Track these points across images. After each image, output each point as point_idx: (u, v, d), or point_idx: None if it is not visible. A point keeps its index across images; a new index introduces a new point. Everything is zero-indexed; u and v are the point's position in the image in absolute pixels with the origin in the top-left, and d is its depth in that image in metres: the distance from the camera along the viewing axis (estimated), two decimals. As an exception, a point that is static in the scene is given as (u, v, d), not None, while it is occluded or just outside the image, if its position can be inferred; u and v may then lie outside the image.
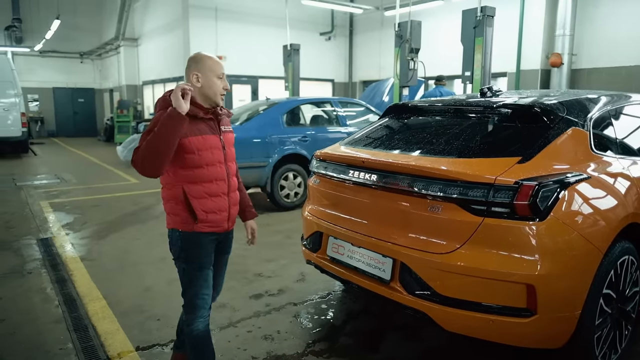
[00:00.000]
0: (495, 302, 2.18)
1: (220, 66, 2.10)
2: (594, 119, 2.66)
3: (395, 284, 2.44)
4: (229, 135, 2.21)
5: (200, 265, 2.11)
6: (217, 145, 2.11)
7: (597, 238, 2.25)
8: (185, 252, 2.09)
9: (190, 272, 2.10)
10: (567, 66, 8.88)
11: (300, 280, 3.73)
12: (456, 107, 2.94)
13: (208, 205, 2.08)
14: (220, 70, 2.08)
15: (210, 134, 2.09)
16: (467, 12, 6.48)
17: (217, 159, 2.10)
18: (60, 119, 18.63)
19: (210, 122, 2.11)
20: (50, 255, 4.30)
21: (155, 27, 14.02)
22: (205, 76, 2.06)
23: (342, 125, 6.58)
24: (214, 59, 2.10)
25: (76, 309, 3.18)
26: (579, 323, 2.21)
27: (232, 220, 2.22)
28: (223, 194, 2.13)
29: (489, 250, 2.19)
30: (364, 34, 13.93)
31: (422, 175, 2.35)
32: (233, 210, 2.21)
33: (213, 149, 2.08)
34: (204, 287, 2.13)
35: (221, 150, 2.13)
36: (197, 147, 2.03)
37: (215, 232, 2.13)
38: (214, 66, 2.07)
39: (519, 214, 2.14)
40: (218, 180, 2.10)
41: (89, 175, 9.06)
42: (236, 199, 2.24)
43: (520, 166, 2.25)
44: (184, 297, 2.14)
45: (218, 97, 2.10)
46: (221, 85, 2.09)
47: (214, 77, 2.07)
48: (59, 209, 6.19)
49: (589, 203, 2.29)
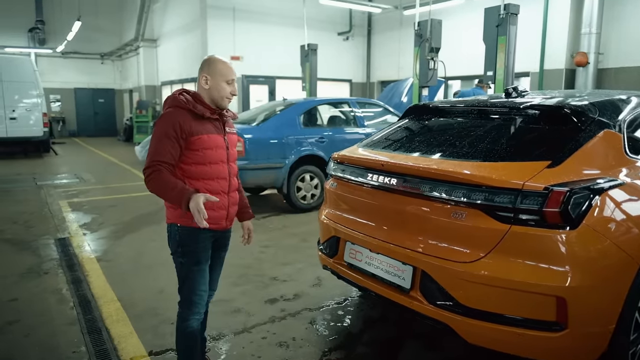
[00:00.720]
0: (523, 315, 2.06)
1: (231, 72, 2.15)
2: (627, 120, 2.51)
3: (415, 293, 2.34)
4: (232, 136, 2.28)
5: (197, 260, 2.15)
6: (222, 145, 2.17)
7: (632, 247, 2.10)
8: (183, 247, 2.14)
9: (187, 266, 2.15)
10: (593, 65, 8.59)
11: (316, 285, 3.65)
12: (480, 108, 2.82)
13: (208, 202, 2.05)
14: (230, 76, 2.13)
15: (216, 133, 2.15)
16: (489, 10, 6.29)
17: (220, 158, 2.16)
18: (81, 119, 18.97)
19: (216, 123, 2.18)
20: (67, 256, 4.31)
21: (174, 28, 14.13)
22: (214, 79, 2.12)
23: (359, 126, 6.48)
24: (226, 64, 2.15)
25: (90, 310, 3.17)
26: (613, 338, 2.07)
27: (231, 219, 2.27)
28: (223, 192, 2.17)
29: (516, 259, 2.07)
30: (382, 34, 13.77)
31: (445, 179, 2.24)
32: (232, 209, 2.26)
33: (217, 148, 2.14)
34: (200, 282, 2.17)
35: (225, 150, 2.19)
36: (202, 146, 2.09)
37: (213, 230, 2.14)
38: (224, 71, 2.12)
39: (549, 221, 2.01)
40: (219, 178, 2.16)
41: (108, 175, 9.17)
42: (236, 198, 2.29)
43: (549, 171, 2.12)
44: (181, 293, 2.19)
45: (224, 100, 2.15)
46: (229, 90, 2.14)
47: (223, 82, 2.13)
48: (77, 208, 6.25)
49: (623, 210, 2.15)
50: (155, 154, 2.01)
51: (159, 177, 1.98)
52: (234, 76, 2.16)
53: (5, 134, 11.35)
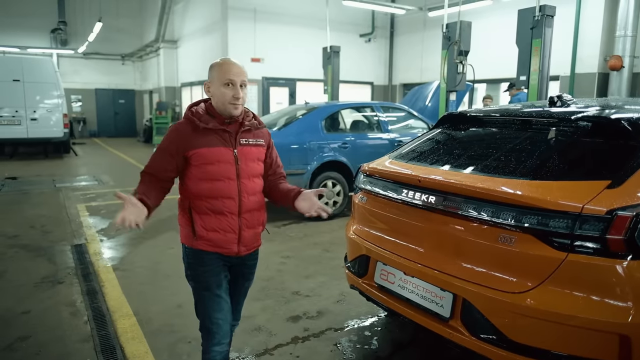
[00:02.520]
0: (579, 354, 1.85)
1: (229, 71, 1.88)
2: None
3: (455, 323, 2.13)
4: (248, 149, 1.99)
5: (206, 285, 1.98)
6: (228, 160, 1.92)
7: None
8: (191, 269, 2.01)
9: (197, 290, 2.01)
10: (628, 69, 8.21)
11: (340, 301, 3.46)
12: (523, 119, 2.59)
13: (210, 223, 1.93)
14: (227, 77, 1.87)
15: (221, 146, 1.91)
16: (523, 12, 6.01)
17: (225, 174, 1.91)
18: (101, 119, 19.16)
19: (224, 134, 1.93)
20: (83, 264, 4.20)
21: (195, 30, 14.13)
22: (214, 85, 1.92)
23: (383, 132, 6.27)
24: (225, 64, 1.91)
25: (105, 326, 3.03)
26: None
27: (246, 244, 2.01)
28: (230, 213, 1.94)
29: (573, 291, 1.86)
30: (405, 36, 13.52)
31: (492, 199, 2.03)
32: (247, 233, 2.00)
33: (221, 163, 1.91)
34: (215, 310, 1.98)
35: (233, 164, 1.93)
36: (201, 161, 1.89)
37: (221, 254, 1.97)
38: (221, 73, 1.89)
39: (612, 250, 1.79)
40: (224, 197, 1.92)
41: (126, 177, 9.11)
42: (253, 221, 2.02)
43: (610, 192, 1.89)
44: (198, 318, 2.05)
45: (228, 107, 1.90)
46: (230, 93, 1.88)
47: (221, 86, 1.89)
48: (94, 213, 6.18)
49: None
50: (146, 165, 1.98)
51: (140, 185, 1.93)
52: (234, 76, 1.87)
53: (26, 135, 11.44)
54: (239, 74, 1.89)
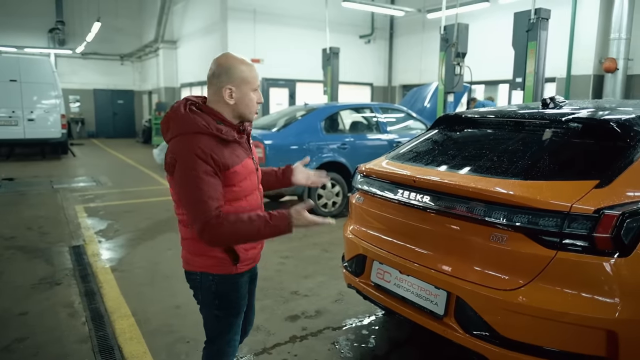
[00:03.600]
0: (568, 349, 1.89)
1: (257, 77, 1.73)
2: (678, 135, 2.30)
3: (449, 320, 2.17)
4: (254, 152, 1.89)
5: (238, 311, 1.86)
6: (253, 170, 1.79)
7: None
8: (221, 300, 1.78)
9: (225, 319, 1.83)
10: (622, 72, 8.27)
11: (338, 301, 3.49)
12: (517, 120, 2.63)
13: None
14: (257, 83, 1.73)
15: (246, 157, 1.75)
16: (519, 15, 6.07)
17: (254, 185, 1.80)
18: (100, 120, 19.14)
19: (244, 143, 1.77)
20: (81, 265, 4.22)
21: (194, 30, 14.16)
22: (241, 90, 1.68)
23: (382, 133, 6.32)
24: (250, 65, 1.72)
25: (103, 327, 3.05)
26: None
27: (262, 248, 1.96)
28: None
29: (562, 288, 1.90)
30: (404, 37, 13.58)
31: (484, 199, 2.07)
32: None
33: (251, 175, 1.77)
34: (237, 332, 1.90)
35: (255, 173, 1.82)
36: (239, 179, 1.69)
37: (252, 268, 1.91)
38: (251, 77, 1.69)
39: (599, 248, 1.84)
40: (257, 209, 1.79)
41: (125, 178, 9.14)
42: None
43: (598, 191, 1.93)
44: (212, 345, 1.87)
45: (252, 113, 1.75)
46: (256, 98, 1.73)
47: (250, 91, 1.70)
48: (93, 214, 6.19)
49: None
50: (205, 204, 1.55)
51: (228, 228, 1.56)
52: (258, 81, 1.75)
53: (23, 135, 11.39)
54: (258, 78, 1.77)
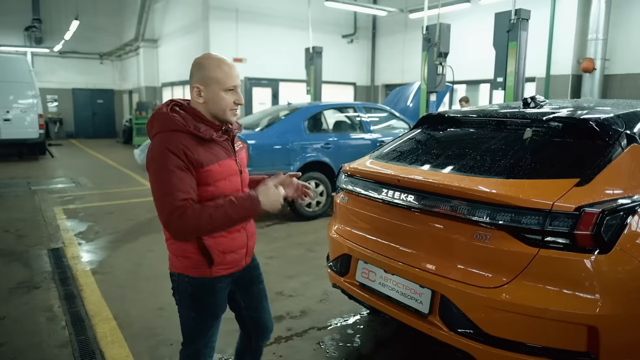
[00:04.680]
0: (551, 345, 1.92)
1: (231, 77, 1.65)
2: (655, 134, 2.36)
3: (434, 318, 2.18)
4: (242, 154, 1.84)
5: (215, 314, 1.82)
6: (234, 171, 1.75)
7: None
8: (196, 301, 1.76)
9: (201, 321, 1.80)
10: (600, 72, 8.48)
11: (323, 301, 3.49)
12: (499, 120, 2.66)
13: (225, 244, 1.74)
14: (231, 83, 1.65)
15: (227, 157, 1.71)
16: (500, 15, 6.16)
17: (235, 187, 1.74)
18: (79, 120, 18.75)
19: (225, 143, 1.73)
20: (61, 268, 4.12)
21: (176, 29, 13.98)
22: (209, 90, 1.64)
23: (366, 132, 6.34)
24: (223, 67, 1.65)
25: (84, 330, 2.99)
26: (646, 371, 1.93)
27: (250, 253, 1.90)
28: (242, 228, 1.80)
29: (545, 285, 1.93)
30: (387, 37, 13.65)
31: (468, 198, 2.09)
32: (251, 242, 1.88)
33: (231, 177, 1.72)
34: (214, 334, 1.86)
35: (238, 175, 1.76)
36: (215, 178, 1.65)
37: (232, 273, 1.82)
38: (222, 77, 1.64)
39: (580, 245, 1.87)
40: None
41: (105, 179, 8.98)
42: (253, 229, 1.90)
43: (579, 189, 1.97)
44: (188, 347, 1.84)
45: (227, 113, 1.68)
46: (231, 99, 1.67)
47: (221, 91, 1.65)
48: (72, 215, 6.06)
49: (658, 232, 2.00)
50: (171, 195, 1.52)
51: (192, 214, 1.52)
52: (237, 81, 1.67)
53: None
54: (237, 77, 1.68)
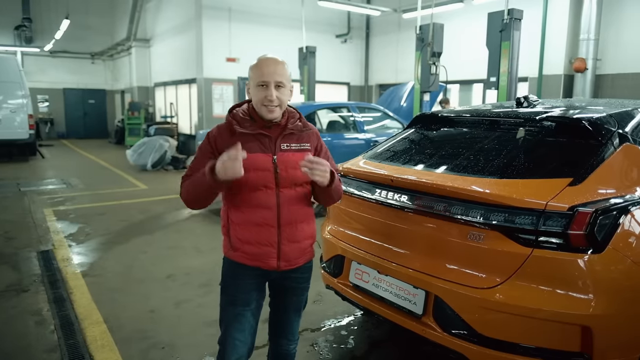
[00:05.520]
0: (545, 345, 1.91)
1: (261, 72, 1.76)
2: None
3: (428, 320, 2.17)
4: (290, 155, 1.82)
5: (232, 300, 1.88)
6: (266, 167, 1.78)
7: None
8: (223, 281, 1.93)
9: (222, 304, 1.92)
10: (592, 71, 8.53)
11: (317, 302, 3.46)
12: (492, 119, 2.66)
13: (245, 235, 1.82)
14: (260, 78, 1.75)
15: (259, 152, 1.78)
16: (493, 15, 6.16)
17: (263, 182, 1.77)
18: (70, 120, 18.56)
19: (264, 139, 1.80)
20: (50, 271, 4.06)
21: (168, 28, 13.89)
22: (251, 86, 1.81)
23: (359, 132, 6.33)
24: (259, 63, 1.80)
25: (73, 334, 2.94)
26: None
27: (288, 259, 1.86)
28: (269, 225, 1.80)
29: (538, 286, 1.92)
30: (380, 37, 13.65)
31: (462, 198, 2.08)
32: (287, 247, 1.84)
33: (259, 171, 1.76)
34: (236, 329, 1.86)
35: (272, 172, 1.78)
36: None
37: (259, 268, 1.84)
38: (255, 73, 1.79)
39: (573, 245, 1.86)
40: (262, 207, 1.79)
41: (97, 180, 8.87)
42: (297, 234, 1.86)
43: (572, 189, 1.96)
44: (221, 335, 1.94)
45: (262, 109, 1.78)
46: (262, 95, 1.75)
47: (255, 86, 1.78)
48: (62, 217, 5.98)
49: (650, 231, 2.00)
50: (188, 169, 1.87)
51: (185, 183, 1.82)
52: (267, 76, 1.74)
53: (-12, 136, 10.96)
54: (272, 74, 1.75)
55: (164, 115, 14.70)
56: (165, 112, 14.60)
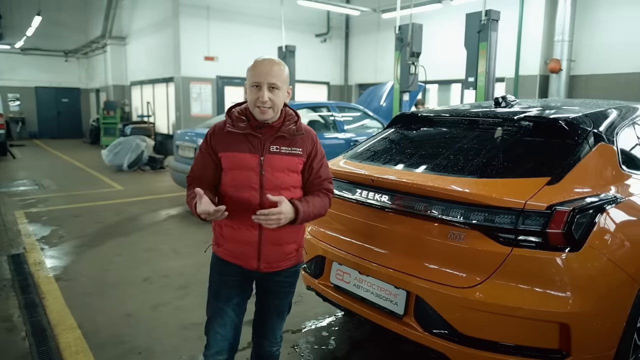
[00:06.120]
0: (524, 343, 1.94)
1: (256, 73, 1.76)
2: (619, 133, 2.42)
3: (409, 319, 2.17)
4: (278, 158, 1.80)
5: (215, 293, 1.94)
6: (251, 166, 1.78)
7: (631, 267, 2.00)
8: (210, 274, 2.00)
9: (208, 296, 1.98)
10: (566, 72, 8.73)
11: (297, 303, 3.42)
12: (471, 119, 2.68)
13: (228, 232, 1.87)
14: (254, 79, 1.76)
15: (247, 152, 1.80)
16: (471, 16, 6.24)
17: (247, 183, 1.78)
18: (43, 119, 18.04)
19: (254, 139, 1.81)
20: (21, 275, 3.92)
21: (145, 26, 13.62)
22: (247, 86, 1.82)
23: (339, 131, 6.32)
24: (254, 64, 1.80)
25: (46, 341, 2.83)
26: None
27: (269, 260, 1.86)
28: (249, 226, 1.80)
29: (518, 284, 1.94)
30: (360, 36, 13.69)
31: (442, 197, 2.08)
32: (268, 249, 1.84)
33: (244, 170, 1.79)
34: (218, 323, 1.91)
35: (257, 174, 1.78)
36: (228, 165, 1.83)
37: (241, 266, 1.88)
38: (250, 73, 1.80)
39: (552, 243, 1.89)
40: (245, 208, 1.78)
41: (71, 181, 8.63)
42: (279, 237, 1.84)
43: (550, 188, 1.99)
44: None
45: (254, 110, 1.78)
46: (255, 95, 1.75)
47: (249, 86, 1.79)
48: (35, 219, 5.79)
49: (623, 229, 2.05)
50: (190, 171, 1.96)
51: (189, 191, 1.87)
52: (260, 77, 1.74)
53: (-44, 137, 10.59)
54: (265, 75, 1.74)
55: (140, 114, 14.44)
56: (142, 112, 14.33)
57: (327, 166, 1.99)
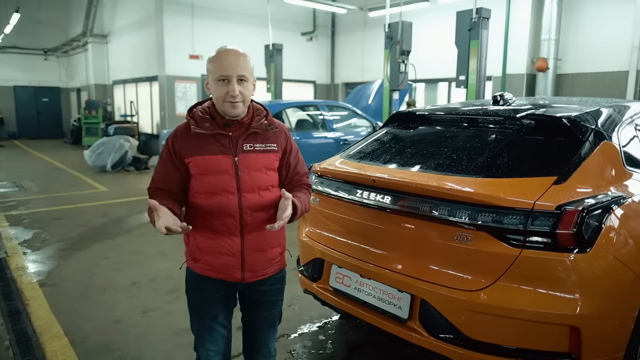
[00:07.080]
0: (533, 347, 1.89)
1: (222, 66, 1.61)
2: (620, 131, 2.39)
3: (414, 324, 2.10)
4: (254, 156, 1.68)
5: (199, 314, 1.78)
6: (226, 169, 1.63)
7: (639, 266, 1.96)
8: (187, 292, 1.82)
9: (191, 317, 1.82)
10: (553, 71, 8.83)
11: (292, 306, 3.35)
12: (470, 117, 2.62)
13: (205, 244, 1.69)
14: (221, 72, 1.60)
15: (219, 153, 1.64)
16: (461, 14, 6.23)
17: (224, 186, 1.63)
18: (22, 119, 17.58)
19: (224, 139, 1.65)
20: (3, 281, 3.75)
21: (127, 24, 13.35)
22: (210, 81, 1.67)
23: (329, 130, 6.25)
24: (217, 55, 1.65)
25: (31, 350, 2.70)
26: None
27: (253, 269, 1.73)
28: (230, 234, 1.66)
29: (527, 287, 1.89)
30: (346, 35, 13.65)
31: (448, 198, 2.01)
32: (252, 256, 1.71)
33: (218, 174, 1.63)
34: (207, 340, 1.77)
35: (233, 176, 1.64)
36: (197, 171, 1.64)
37: (223, 280, 1.71)
38: (213, 67, 1.64)
39: (562, 244, 1.84)
40: (223, 215, 1.64)
41: (53, 182, 8.37)
42: (262, 242, 1.72)
43: (557, 187, 1.94)
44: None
45: (224, 106, 1.63)
46: (224, 90, 1.61)
47: (215, 81, 1.63)
48: (16, 223, 5.58)
49: (630, 228, 2.01)
50: (151, 181, 1.75)
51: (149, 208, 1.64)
52: (227, 70, 1.59)
53: None
54: (234, 67, 1.60)
55: (123, 114, 14.15)
56: (125, 111, 14.06)
57: (303, 161, 1.89)
